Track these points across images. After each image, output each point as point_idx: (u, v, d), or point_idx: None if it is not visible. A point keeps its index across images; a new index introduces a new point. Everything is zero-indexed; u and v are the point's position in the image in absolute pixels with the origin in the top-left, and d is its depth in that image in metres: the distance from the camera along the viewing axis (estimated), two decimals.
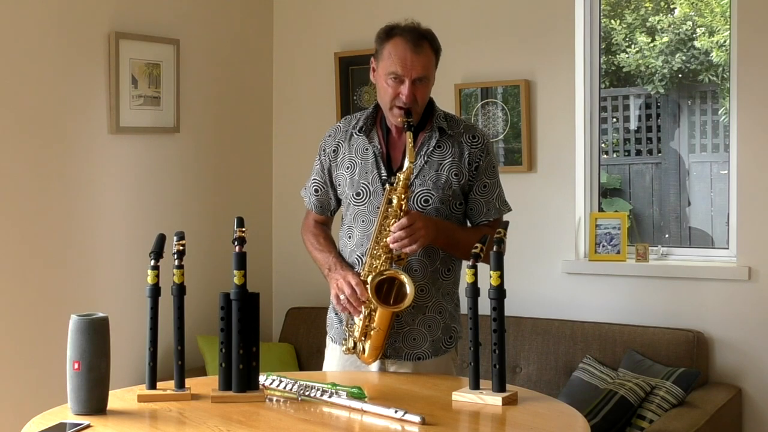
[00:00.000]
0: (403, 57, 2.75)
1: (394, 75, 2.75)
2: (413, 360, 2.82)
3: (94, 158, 4.12)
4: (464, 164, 2.83)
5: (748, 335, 3.95)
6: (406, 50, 2.75)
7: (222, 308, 2.41)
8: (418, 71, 2.75)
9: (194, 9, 4.61)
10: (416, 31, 2.80)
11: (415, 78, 2.75)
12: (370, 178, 2.83)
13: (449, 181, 2.82)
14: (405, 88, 2.74)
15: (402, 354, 2.82)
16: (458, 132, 2.87)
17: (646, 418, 3.60)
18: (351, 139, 2.89)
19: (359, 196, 2.84)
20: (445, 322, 2.86)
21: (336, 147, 2.92)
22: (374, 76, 2.86)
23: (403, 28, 2.81)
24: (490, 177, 2.88)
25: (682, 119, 6.52)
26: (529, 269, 4.33)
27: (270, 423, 2.30)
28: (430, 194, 2.81)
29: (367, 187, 2.83)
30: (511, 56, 4.42)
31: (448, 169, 2.82)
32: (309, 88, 4.94)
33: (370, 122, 2.88)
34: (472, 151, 2.84)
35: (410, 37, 2.77)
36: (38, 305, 3.90)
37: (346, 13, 4.86)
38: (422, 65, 2.76)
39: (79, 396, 2.24)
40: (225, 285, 2.53)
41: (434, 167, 2.82)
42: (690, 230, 6.14)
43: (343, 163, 2.89)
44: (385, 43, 2.81)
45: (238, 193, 4.85)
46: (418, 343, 2.82)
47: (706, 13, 6.24)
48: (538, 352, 4.12)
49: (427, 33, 2.82)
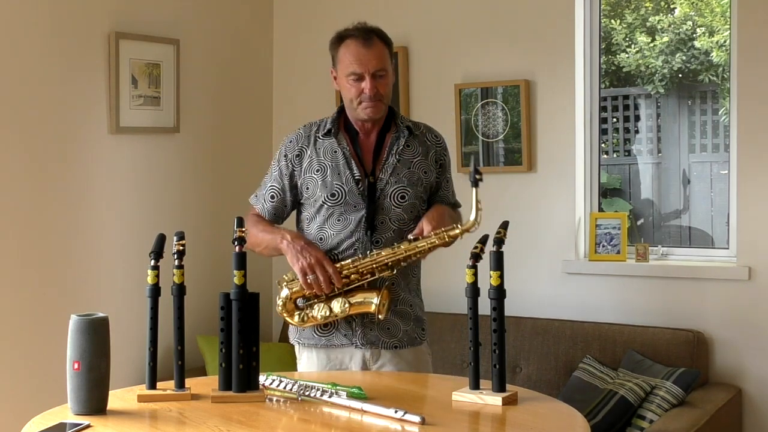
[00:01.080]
0: (357, 54, 2.88)
1: (353, 74, 2.88)
2: (390, 349, 2.93)
3: (94, 158, 4.12)
4: (431, 162, 3.00)
5: (748, 335, 3.95)
6: (358, 48, 2.89)
7: (222, 308, 2.41)
8: (374, 64, 2.88)
9: (194, 9, 4.61)
10: (364, 29, 2.95)
11: (373, 71, 2.87)
12: (344, 179, 2.91)
13: (420, 178, 2.97)
14: (367, 83, 2.87)
15: (379, 343, 2.92)
16: (421, 132, 3.03)
17: (646, 418, 3.60)
18: (316, 143, 2.97)
19: (334, 196, 2.91)
20: (415, 314, 3.00)
21: (300, 152, 2.98)
22: (336, 83, 2.98)
23: (351, 30, 2.95)
24: (449, 174, 3.09)
25: (682, 119, 6.53)
26: (529, 269, 4.33)
27: (270, 423, 2.30)
28: (405, 191, 2.94)
29: (341, 187, 2.91)
30: (511, 56, 4.42)
31: (418, 167, 2.97)
32: (309, 88, 4.94)
33: (336, 126, 2.98)
34: (437, 149, 3.03)
35: (360, 35, 2.92)
36: (38, 305, 3.90)
37: (346, 13, 4.84)
38: (377, 58, 2.89)
39: (79, 396, 2.24)
40: (225, 285, 2.53)
41: (406, 165, 2.95)
42: (690, 230, 6.14)
43: (311, 166, 2.96)
44: (338, 48, 2.95)
45: (238, 193, 4.83)
46: (393, 332, 2.93)
47: (706, 13, 6.24)
48: (538, 352, 4.12)
49: (375, 29, 2.97)
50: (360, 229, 2.90)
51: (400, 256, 2.81)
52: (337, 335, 2.93)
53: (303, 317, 2.88)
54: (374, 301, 2.82)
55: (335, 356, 2.94)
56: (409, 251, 2.81)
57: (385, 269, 2.82)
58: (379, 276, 2.83)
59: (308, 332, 2.96)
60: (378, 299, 2.81)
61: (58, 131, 3.98)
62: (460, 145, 4.45)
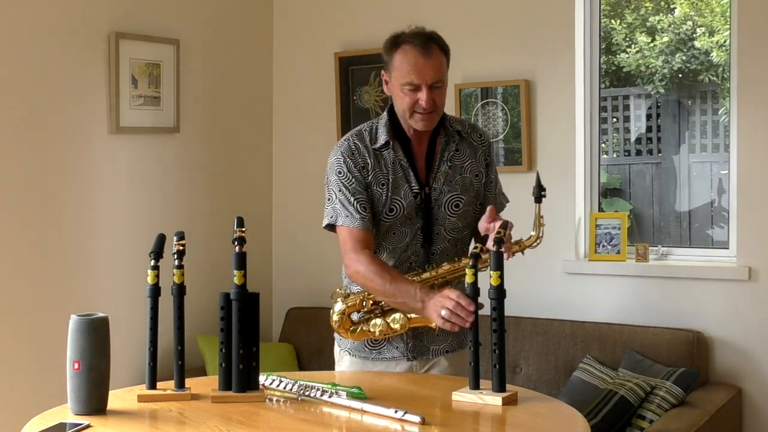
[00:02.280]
0: (415, 64, 2.70)
1: (409, 84, 2.71)
2: (442, 354, 2.87)
3: (94, 158, 4.12)
4: (480, 163, 2.88)
5: (748, 335, 3.95)
6: (416, 57, 2.70)
7: (222, 308, 2.40)
8: (432, 76, 2.71)
9: (194, 9, 4.61)
10: (423, 36, 2.74)
11: (431, 83, 2.71)
12: (402, 192, 2.79)
13: (472, 183, 2.86)
14: (423, 94, 2.70)
15: (429, 352, 2.86)
16: (468, 132, 2.89)
17: (646, 418, 3.60)
18: (377, 156, 2.81)
19: (392, 211, 2.78)
20: None
21: (364, 164, 2.79)
22: (388, 88, 2.81)
23: (409, 35, 2.75)
24: (495, 173, 2.95)
25: (682, 119, 6.53)
26: (529, 269, 4.32)
27: (270, 423, 2.30)
28: (459, 198, 2.83)
29: (400, 202, 2.78)
30: (511, 56, 4.42)
31: (470, 171, 2.86)
32: (309, 88, 4.94)
33: (389, 136, 2.82)
34: (483, 149, 2.90)
35: (418, 42, 2.72)
36: (38, 305, 3.90)
37: (346, 13, 4.86)
38: (435, 69, 2.72)
39: (79, 396, 2.24)
40: (225, 285, 2.53)
41: (458, 171, 2.84)
42: (690, 230, 6.14)
43: (377, 179, 2.79)
44: (393, 53, 2.75)
45: (238, 193, 4.85)
46: (443, 338, 2.86)
47: (706, 13, 6.24)
48: (538, 352, 4.12)
49: (433, 35, 2.78)
50: (416, 241, 2.80)
51: (459, 274, 2.71)
52: (388, 347, 2.84)
53: (358, 332, 2.78)
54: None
55: (380, 367, 2.85)
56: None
57: (444, 284, 2.71)
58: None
59: (360, 345, 2.86)
60: None
61: (58, 131, 3.98)
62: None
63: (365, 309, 2.76)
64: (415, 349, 2.84)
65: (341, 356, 2.94)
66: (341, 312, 2.79)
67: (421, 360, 2.86)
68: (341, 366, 2.94)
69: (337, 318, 2.80)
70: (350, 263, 2.75)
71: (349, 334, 2.80)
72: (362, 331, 2.79)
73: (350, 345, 2.88)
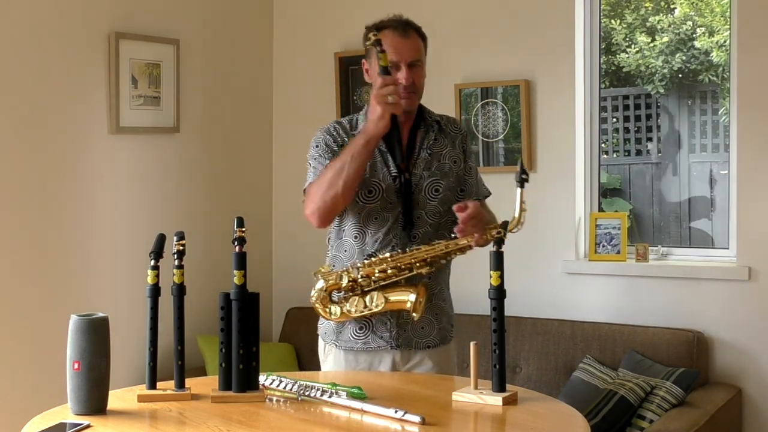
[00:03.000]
0: (394, 44, 2.85)
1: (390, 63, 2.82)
2: (423, 349, 2.90)
3: (94, 158, 4.12)
4: (458, 150, 3.00)
5: (748, 335, 3.95)
6: (395, 38, 2.87)
7: (222, 308, 2.40)
8: (412, 54, 2.87)
9: (194, 9, 4.61)
10: (401, 21, 2.94)
11: (410, 62, 2.86)
12: (381, 175, 2.88)
13: (452, 168, 2.96)
14: (403, 73, 2.85)
15: (412, 343, 2.89)
16: (445, 124, 3.03)
17: (646, 418, 3.60)
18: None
19: (371, 193, 2.87)
20: (448, 310, 2.99)
21: (342, 143, 2.92)
22: (369, 76, 2.95)
23: (387, 21, 2.93)
24: (472, 160, 3.07)
25: (682, 119, 6.53)
26: (529, 269, 4.33)
27: (270, 423, 2.30)
28: (439, 183, 2.92)
29: (379, 184, 2.87)
30: (511, 56, 4.42)
31: (449, 158, 2.97)
32: (309, 88, 4.94)
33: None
34: (460, 137, 3.03)
35: (397, 25, 2.91)
36: (38, 305, 3.90)
37: (346, 13, 4.85)
38: (413, 48, 2.88)
39: (79, 396, 2.24)
40: (225, 285, 2.53)
41: (436, 158, 2.94)
42: (690, 230, 6.14)
43: None
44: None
45: (238, 193, 4.85)
46: (427, 332, 2.90)
47: (706, 13, 6.24)
48: (538, 352, 4.12)
49: (410, 22, 2.95)
50: (398, 225, 2.87)
51: (439, 252, 2.77)
52: (372, 337, 2.88)
53: (337, 312, 2.82)
54: (410, 298, 2.75)
55: (364, 359, 2.89)
56: (449, 248, 2.76)
57: (423, 265, 2.76)
58: (417, 272, 2.76)
59: (346, 335, 2.90)
60: (414, 296, 2.74)
61: (58, 131, 3.98)
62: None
63: (344, 286, 2.80)
64: (399, 337, 2.87)
65: (327, 351, 2.97)
66: (321, 289, 2.85)
67: (404, 351, 2.88)
68: (327, 361, 2.97)
69: (316, 294, 2.85)
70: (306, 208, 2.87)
71: (329, 315, 2.83)
72: (341, 312, 2.81)
73: (337, 337, 2.92)
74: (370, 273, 2.77)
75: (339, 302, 2.82)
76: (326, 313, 2.85)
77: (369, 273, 2.77)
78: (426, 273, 2.78)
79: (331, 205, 2.80)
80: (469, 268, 3.63)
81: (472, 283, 4.08)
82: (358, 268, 2.78)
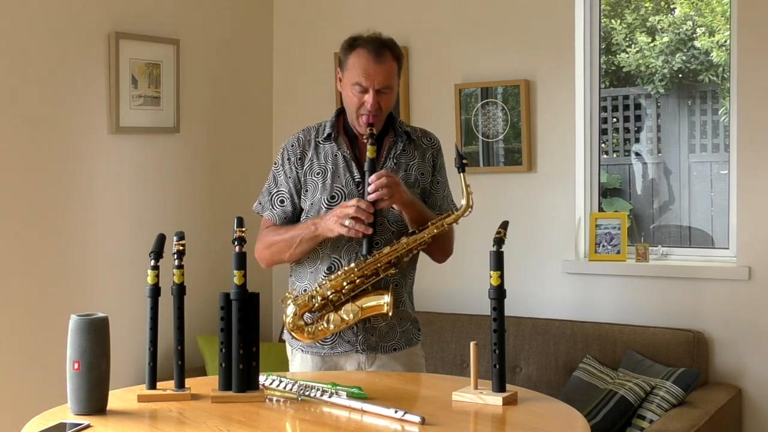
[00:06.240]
0: (366, 68, 2.84)
1: (358, 85, 2.85)
2: (389, 352, 2.92)
3: (94, 158, 4.12)
4: (427, 164, 3.00)
5: (748, 335, 3.95)
6: (368, 61, 2.84)
7: (222, 308, 2.41)
8: (381, 81, 2.85)
9: (194, 9, 4.61)
10: (378, 41, 2.89)
11: (378, 88, 2.84)
12: (344, 181, 2.91)
13: (417, 180, 2.96)
14: (369, 97, 2.84)
15: (378, 348, 2.91)
16: (417, 136, 3.02)
17: (646, 418, 3.60)
18: (317, 147, 2.95)
19: (334, 199, 2.90)
20: (412, 315, 3.01)
21: (302, 155, 2.95)
22: (340, 85, 2.95)
23: (365, 39, 2.89)
24: (442, 176, 3.04)
25: (682, 119, 6.52)
26: (529, 269, 4.33)
27: (270, 423, 2.30)
28: None
29: (341, 190, 2.90)
30: (511, 56, 4.42)
31: (416, 169, 2.97)
32: (309, 87, 4.94)
33: (335, 129, 2.96)
34: (432, 151, 3.02)
35: (372, 47, 2.86)
36: (38, 305, 3.90)
37: (346, 13, 4.85)
38: (384, 75, 2.85)
39: (79, 396, 2.24)
40: (225, 285, 2.53)
41: (403, 168, 2.95)
42: (690, 230, 6.14)
43: (312, 169, 2.94)
44: (348, 54, 2.90)
45: (238, 193, 4.84)
46: (392, 336, 2.93)
47: (706, 13, 6.24)
48: (538, 352, 4.12)
49: (388, 42, 2.91)
50: None
51: (401, 252, 2.80)
52: (339, 342, 2.90)
53: (314, 332, 2.83)
54: (386, 300, 2.78)
55: (330, 359, 2.93)
56: (409, 245, 2.80)
57: (389, 267, 2.80)
58: (383, 275, 2.81)
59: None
60: (389, 297, 2.78)
61: (58, 131, 3.98)
62: (461, 145, 4.45)
63: (316, 306, 2.81)
64: (365, 341, 2.89)
65: (293, 355, 3.00)
66: (294, 314, 2.83)
67: (369, 355, 2.91)
68: (294, 364, 2.99)
69: (290, 321, 2.84)
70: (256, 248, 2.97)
71: (306, 336, 2.84)
72: (318, 330, 2.83)
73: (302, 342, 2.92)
74: (338, 287, 2.80)
75: (314, 322, 2.84)
76: (305, 337, 2.86)
77: (337, 287, 2.80)
78: (392, 275, 2.82)
79: (278, 262, 2.98)
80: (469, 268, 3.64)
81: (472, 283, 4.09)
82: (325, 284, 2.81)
